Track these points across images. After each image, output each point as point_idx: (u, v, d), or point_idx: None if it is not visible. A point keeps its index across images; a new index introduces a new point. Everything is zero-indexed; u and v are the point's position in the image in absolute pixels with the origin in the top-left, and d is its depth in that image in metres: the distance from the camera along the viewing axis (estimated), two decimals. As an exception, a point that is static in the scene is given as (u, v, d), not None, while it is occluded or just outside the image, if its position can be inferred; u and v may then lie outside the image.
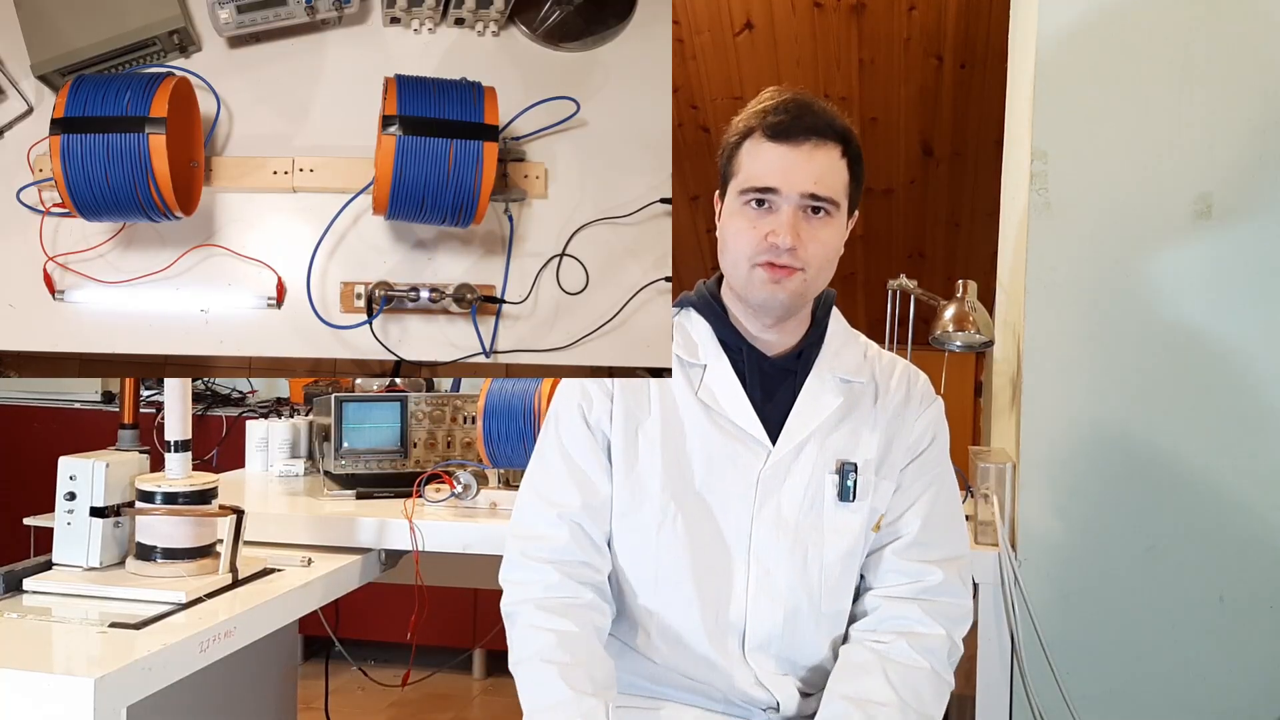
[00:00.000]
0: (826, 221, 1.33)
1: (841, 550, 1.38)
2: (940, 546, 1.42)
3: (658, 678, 1.40)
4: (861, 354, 1.46)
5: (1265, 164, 1.73)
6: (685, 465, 1.37)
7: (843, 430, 1.40)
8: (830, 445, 1.39)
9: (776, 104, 1.33)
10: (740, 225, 1.34)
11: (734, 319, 1.42)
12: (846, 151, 1.33)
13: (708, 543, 1.36)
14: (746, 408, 1.37)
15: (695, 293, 1.48)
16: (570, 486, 1.40)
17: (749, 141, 1.34)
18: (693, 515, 1.37)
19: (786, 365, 1.41)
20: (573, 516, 1.39)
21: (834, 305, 1.47)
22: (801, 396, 1.39)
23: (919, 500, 1.42)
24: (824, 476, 1.37)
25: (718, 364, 1.40)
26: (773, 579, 1.36)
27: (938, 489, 1.44)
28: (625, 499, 1.39)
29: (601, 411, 1.42)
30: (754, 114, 1.35)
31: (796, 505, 1.37)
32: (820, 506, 1.37)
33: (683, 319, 1.46)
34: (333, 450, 2.02)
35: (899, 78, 3.54)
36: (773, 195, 1.31)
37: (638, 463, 1.39)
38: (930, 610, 1.38)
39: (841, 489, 1.37)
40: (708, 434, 1.38)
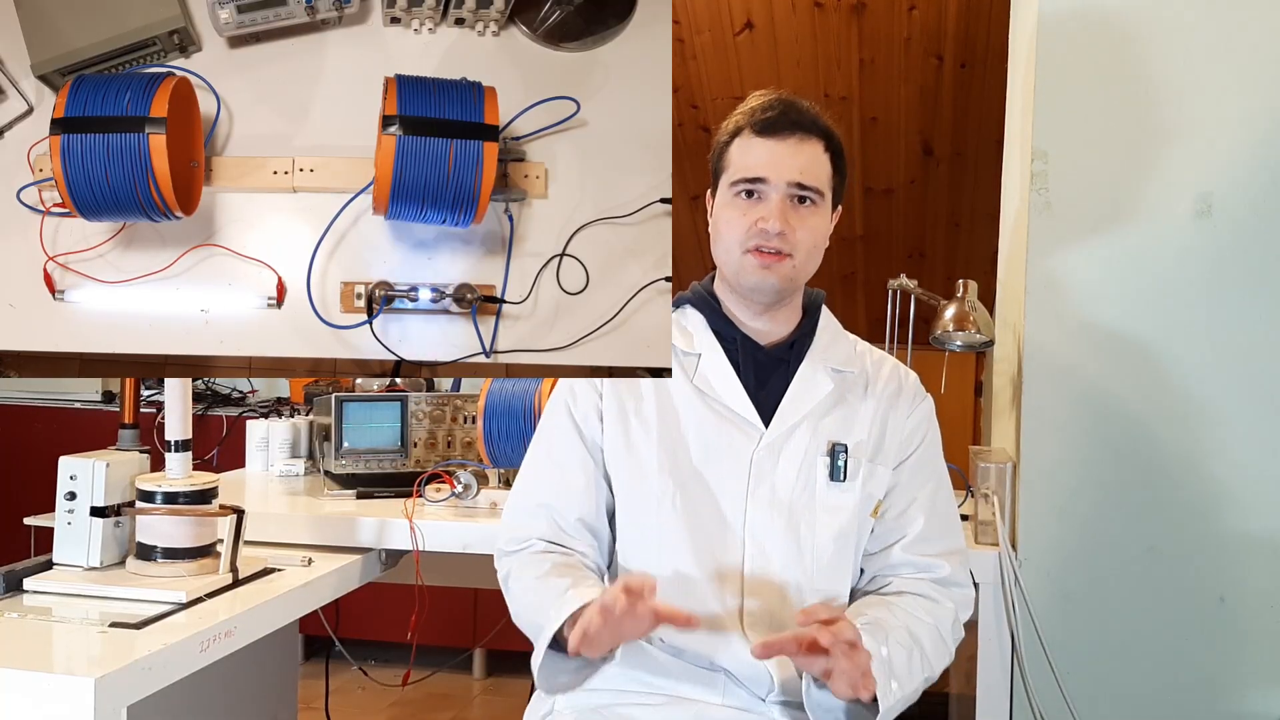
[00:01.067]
0: (813, 210, 1.40)
1: (834, 529, 1.42)
2: (943, 540, 1.48)
3: (656, 669, 1.40)
4: (851, 348, 1.52)
5: (1265, 164, 1.73)
6: (681, 447, 1.42)
7: (835, 415, 1.45)
8: (823, 429, 1.44)
9: (764, 104, 1.42)
10: (731, 215, 1.41)
11: (727, 310, 1.47)
12: (829, 146, 1.42)
13: (706, 520, 1.41)
14: (740, 392, 1.43)
15: (690, 290, 1.53)
16: (546, 482, 1.47)
17: (739, 139, 1.42)
18: (691, 493, 1.41)
19: (779, 354, 1.46)
20: (549, 509, 1.45)
21: (823, 304, 1.52)
22: (795, 382, 1.45)
23: (919, 496, 1.47)
24: (816, 458, 1.42)
25: (712, 353, 1.45)
26: (768, 557, 1.40)
27: (935, 485, 1.50)
28: (624, 482, 1.44)
29: (588, 406, 1.46)
30: (743, 114, 1.43)
31: (790, 486, 1.41)
32: (813, 487, 1.42)
33: (679, 318, 1.51)
34: (333, 450, 2.02)
35: (899, 78, 3.54)
36: (762, 185, 1.39)
37: (634, 447, 1.43)
38: (939, 590, 1.45)
39: (832, 469, 1.42)
40: (703, 418, 1.43)
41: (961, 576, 1.48)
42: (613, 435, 1.45)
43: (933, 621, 1.41)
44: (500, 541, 1.49)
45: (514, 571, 1.44)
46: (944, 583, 1.45)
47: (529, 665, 1.35)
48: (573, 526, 1.45)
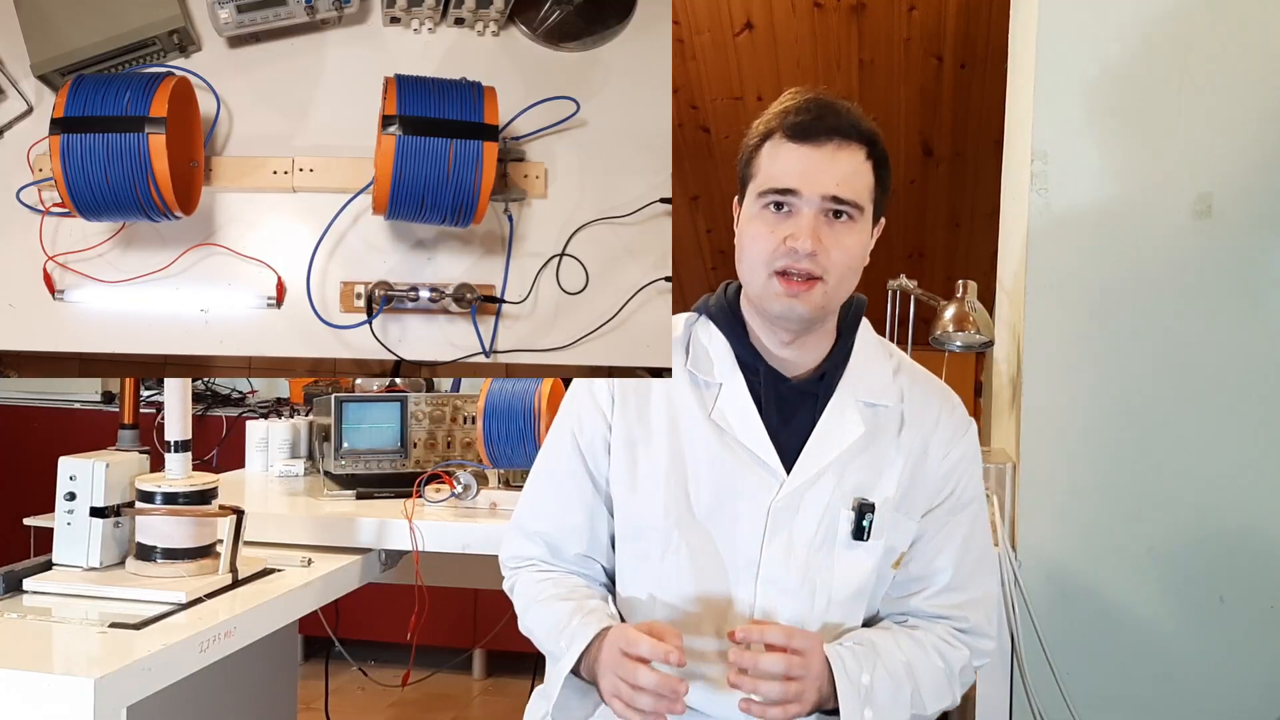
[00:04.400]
0: (850, 227, 1.25)
1: (852, 589, 1.31)
2: (971, 589, 1.35)
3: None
4: (890, 372, 1.37)
5: (1265, 164, 1.73)
6: (691, 491, 1.31)
7: (862, 461, 1.31)
8: (849, 478, 1.31)
9: (798, 104, 1.27)
10: (758, 229, 1.26)
11: (753, 335, 1.34)
12: (872, 154, 1.27)
13: (712, 573, 1.30)
14: (761, 433, 1.30)
15: (714, 302, 1.39)
16: (546, 513, 1.40)
17: (769, 143, 1.27)
18: (696, 544, 1.31)
19: (806, 388, 1.33)
20: (547, 540, 1.39)
21: (863, 315, 1.38)
22: (821, 423, 1.31)
23: (948, 547, 1.34)
24: (839, 511, 1.30)
25: (733, 383, 1.32)
26: (777, 611, 1.29)
27: (969, 530, 1.36)
28: (627, 519, 1.35)
29: (594, 435, 1.37)
30: (775, 115, 1.28)
31: (808, 540, 1.29)
32: (833, 543, 1.30)
33: (699, 330, 1.38)
34: (333, 450, 2.02)
35: (899, 78, 3.54)
36: (792, 198, 1.24)
37: (639, 486, 1.34)
38: (959, 637, 1.34)
39: (857, 528, 1.29)
40: (718, 458, 1.31)
41: (986, 626, 1.34)
42: (619, 469, 1.35)
43: (943, 664, 1.30)
44: (502, 554, 1.45)
45: (518, 587, 1.40)
46: (968, 631, 1.34)
47: (529, 666, 1.35)
48: (570, 559, 1.38)
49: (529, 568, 1.40)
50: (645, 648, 1.16)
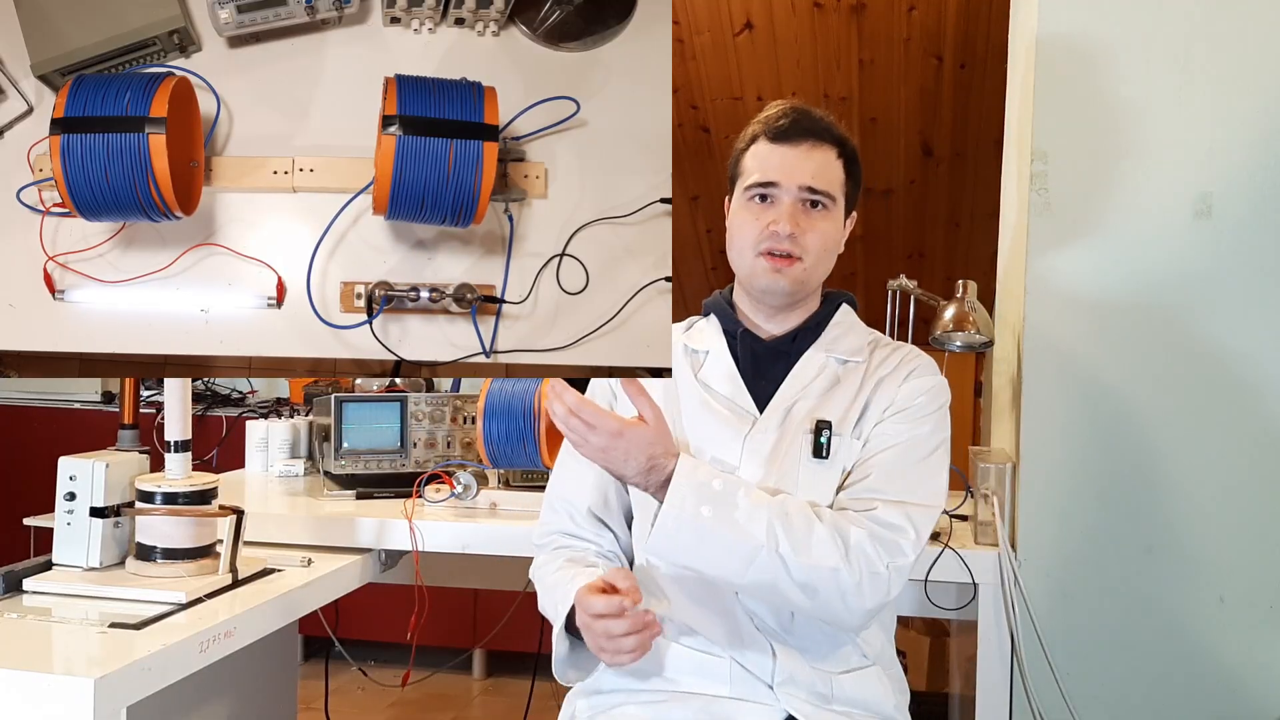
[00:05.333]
0: (824, 214, 1.44)
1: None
2: (891, 491, 1.37)
3: (663, 664, 1.42)
4: (864, 343, 1.51)
5: (1265, 164, 1.73)
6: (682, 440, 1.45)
7: (830, 397, 1.45)
8: (815, 414, 1.44)
9: (779, 112, 1.46)
10: (745, 218, 1.45)
11: (742, 315, 1.51)
12: (842, 153, 1.46)
13: None
14: (737, 380, 1.47)
15: (712, 298, 1.57)
16: (564, 477, 1.55)
17: (754, 146, 1.46)
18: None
19: (780, 346, 1.49)
20: (565, 502, 1.53)
21: (845, 304, 1.53)
22: (793, 372, 1.47)
23: (882, 454, 1.40)
24: (802, 435, 1.43)
25: (717, 349, 1.50)
26: None
27: (908, 443, 1.41)
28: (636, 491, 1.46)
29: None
30: (759, 122, 1.47)
31: (778, 464, 1.42)
32: (798, 462, 1.42)
33: (705, 324, 1.55)
34: (333, 450, 2.02)
35: (899, 78, 3.54)
36: (774, 189, 1.43)
37: None
38: (873, 533, 1.33)
39: (815, 445, 1.42)
40: (703, 409, 1.46)
41: (901, 523, 1.33)
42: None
43: (828, 523, 1.31)
44: (534, 536, 1.57)
45: (535, 571, 1.52)
46: (874, 521, 1.33)
47: (529, 666, 1.36)
48: (583, 518, 1.52)
49: (547, 544, 1.53)
50: (600, 606, 1.29)
